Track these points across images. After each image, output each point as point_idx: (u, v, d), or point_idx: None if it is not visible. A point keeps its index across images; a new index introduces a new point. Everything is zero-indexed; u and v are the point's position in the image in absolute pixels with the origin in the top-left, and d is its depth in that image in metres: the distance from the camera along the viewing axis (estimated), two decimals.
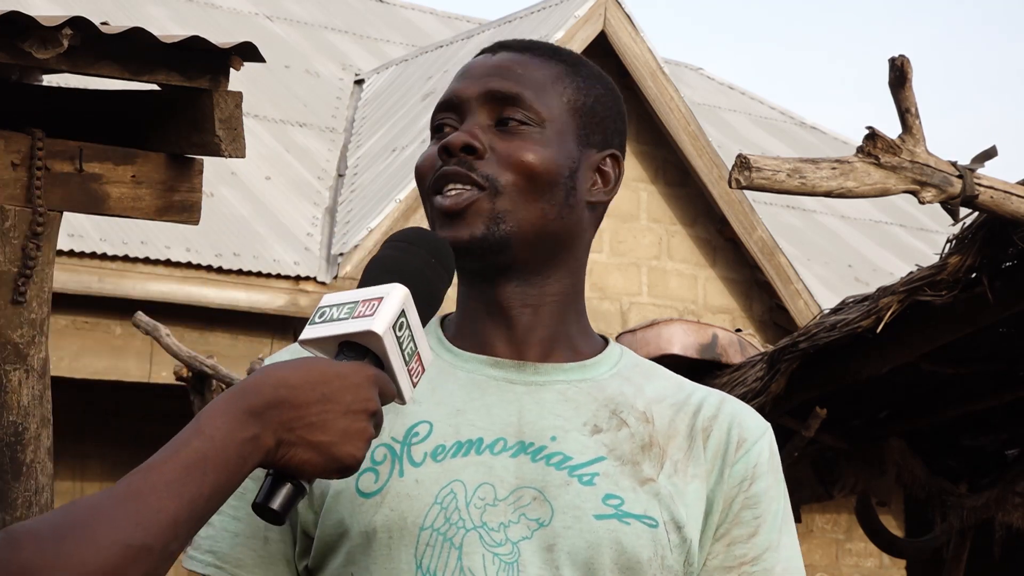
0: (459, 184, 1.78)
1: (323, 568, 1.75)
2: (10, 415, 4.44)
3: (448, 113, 1.83)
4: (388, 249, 1.66)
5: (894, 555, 8.50)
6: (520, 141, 1.80)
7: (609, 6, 11.41)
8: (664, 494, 1.75)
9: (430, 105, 11.92)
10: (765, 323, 11.88)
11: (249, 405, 1.48)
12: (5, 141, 4.49)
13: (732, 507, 1.79)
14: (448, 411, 1.76)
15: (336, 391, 1.51)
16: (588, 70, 1.88)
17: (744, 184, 4.09)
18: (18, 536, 1.38)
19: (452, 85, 1.85)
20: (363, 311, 1.56)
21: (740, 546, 1.79)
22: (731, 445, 1.81)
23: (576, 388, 1.80)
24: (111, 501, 1.40)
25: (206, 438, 1.45)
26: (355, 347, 1.56)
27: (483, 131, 1.80)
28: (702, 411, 1.82)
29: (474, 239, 1.77)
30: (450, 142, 1.79)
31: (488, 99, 1.81)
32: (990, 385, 6.32)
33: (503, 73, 1.83)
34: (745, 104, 15.80)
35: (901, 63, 4.19)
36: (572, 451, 1.75)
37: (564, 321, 1.83)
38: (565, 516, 1.72)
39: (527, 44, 1.88)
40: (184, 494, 1.42)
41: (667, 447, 1.79)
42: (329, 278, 10.33)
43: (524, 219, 1.78)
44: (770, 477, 1.82)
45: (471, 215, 1.77)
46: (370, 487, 1.73)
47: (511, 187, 1.78)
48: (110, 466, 10.71)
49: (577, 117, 1.84)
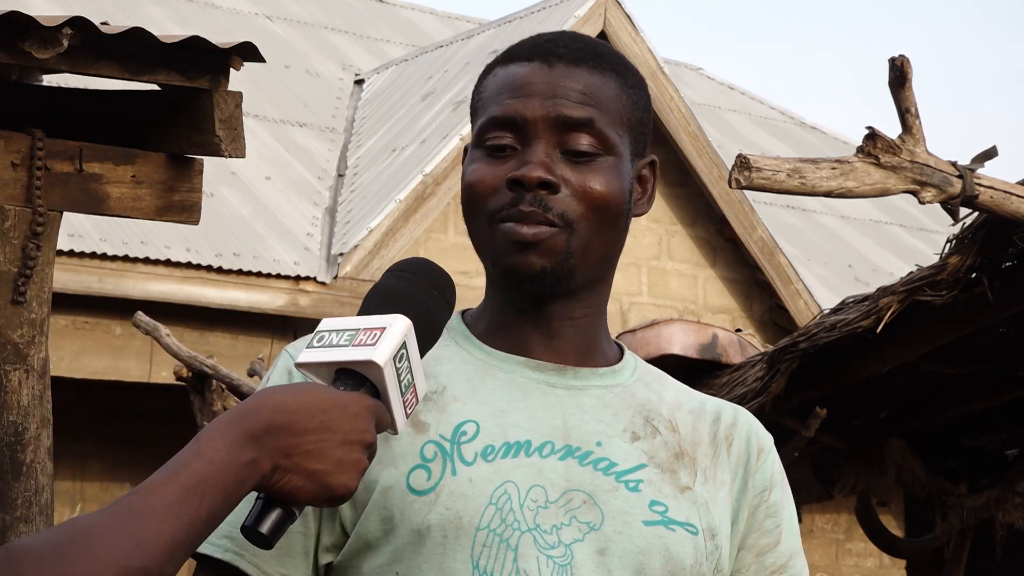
0: (536, 224, 1.76)
1: (356, 566, 1.73)
2: (10, 415, 4.44)
3: (506, 132, 1.79)
4: (391, 278, 1.66)
5: (894, 555, 8.49)
6: (593, 173, 1.78)
7: (609, 6, 11.41)
8: (700, 502, 1.78)
9: (430, 105, 11.92)
10: (765, 323, 11.88)
11: (249, 428, 1.48)
12: (5, 141, 4.49)
13: (756, 516, 1.83)
14: (492, 411, 1.76)
15: (334, 420, 1.51)
16: (633, 76, 1.85)
17: (744, 184, 4.09)
18: (18, 554, 1.38)
19: (509, 100, 1.79)
20: (364, 340, 1.56)
21: (769, 555, 1.83)
22: (752, 454, 1.84)
23: (612, 394, 1.82)
24: (110, 521, 1.41)
25: (206, 460, 1.46)
26: (352, 374, 1.57)
27: (553, 161, 1.77)
28: (721, 419, 1.85)
29: (545, 271, 1.77)
30: (525, 176, 1.75)
31: (557, 124, 1.78)
32: (990, 385, 6.32)
33: (570, 95, 1.78)
34: (745, 104, 15.80)
35: (901, 63, 4.19)
36: (617, 457, 1.77)
37: (597, 329, 1.85)
38: (615, 521, 1.74)
39: (579, 53, 1.82)
40: (183, 516, 1.43)
41: (696, 455, 1.82)
42: (329, 278, 10.33)
43: (591, 251, 1.79)
44: (783, 486, 1.87)
45: (544, 248, 1.76)
46: (423, 484, 1.72)
47: (585, 222, 1.77)
48: (110, 466, 10.72)
49: (632, 132, 1.83)
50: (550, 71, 1.79)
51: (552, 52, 1.81)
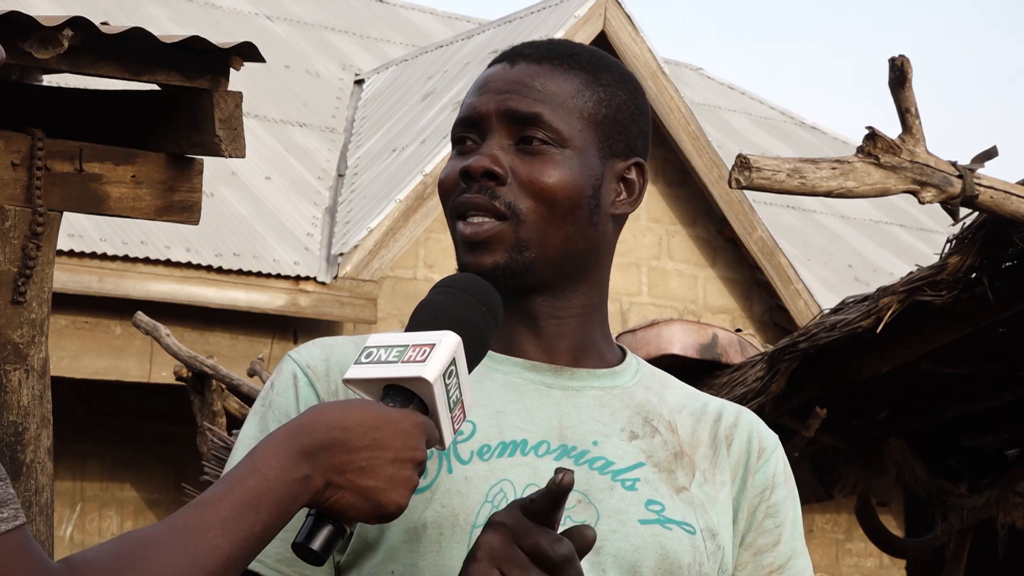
0: (481, 213, 1.78)
1: (357, 567, 1.74)
2: (10, 415, 4.44)
3: (468, 129, 1.82)
4: (438, 294, 1.66)
5: (894, 555, 8.49)
6: (541, 164, 1.79)
7: (609, 6, 11.41)
8: (697, 503, 1.78)
9: (430, 105, 11.92)
10: (765, 323, 11.88)
11: (303, 445, 1.49)
12: (5, 141, 4.49)
13: (755, 515, 1.84)
14: (489, 411, 1.77)
15: (387, 437, 1.52)
16: (609, 75, 1.85)
17: (744, 184, 4.09)
18: (79, 567, 1.40)
19: (471, 99, 1.83)
20: (414, 356, 1.56)
21: (767, 554, 1.84)
22: (752, 454, 1.85)
23: (610, 394, 1.82)
24: (168, 535, 1.42)
25: (261, 476, 1.47)
26: (401, 391, 1.56)
27: (504, 152, 1.79)
28: (722, 420, 1.86)
29: (497, 266, 1.77)
30: (471, 167, 1.78)
31: (507, 118, 1.80)
32: (990, 385, 6.32)
33: (521, 90, 1.81)
34: (745, 104, 15.80)
35: (901, 63, 4.19)
36: (613, 456, 1.77)
37: (589, 330, 1.85)
38: (610, 520, 1.74)
39: (545, 52, 1.84)
40: (238, 532, 1.44)
41: (694, 457, 1.82)
42: (329, 278, 10.33)
43: (548, 244, 1.79)
44: (787, 486, 1.87)
45: (494, 244, 1.77)
46: (419, 483, 1.73)
47: (533, 213, 1.78)
48: (110, 466, 10.72)
49: (599, 129, 1.82)
50: (511, 69, 1.83)
51: (519, 53, 1.85)
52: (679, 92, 11.56)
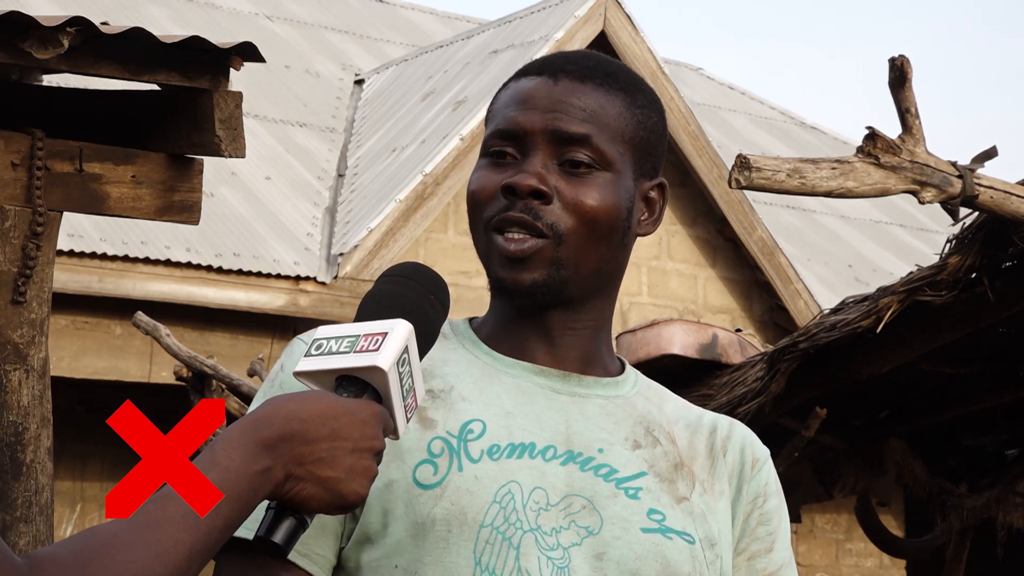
0: (523, 231, 1.79)
1: (355, 558, 1.75)
2: (10, 415, 4.44)
3: (508, 142, 1.82)
4: (385, 283, 1.66)
5: (894, 555, 8.50)
6: (586, 187, 1.80)
7: (609, 6, 11.41)
8: (697, 513, 1.81)
9: (430, 105, 11.92)
10: (765, 323, 11.88)
11: (262, 437, 1.50)
12: (5, 141, 4.49)
13: (749, 522, 1.87)
14: (498, 412, 1.79)
15: (345, 427, 1.52)
16: (643, 96, 1.88)
17: (744, 184, 4.09)
18: (41, 563, 1.40)
19: (513, 112, 1.83)
20: (367, 345, 1.56)
21: (760, 560, 1.87)
22: (746, 464, 1.88)
23: (614, 403, 1.85)
24: (130, 531, 1.43)
25: (221, 470, 1.47)
26: (355, 381, 1.56)
27: (548, 172, 1.80)
28: (717, 431, 1.89)
29: (536, 284, 1.80)
30: (517, 184, 1.79)
31: (554, 137, 1.81)
32: (990, 385, 6.32)
33: (568, 110, 1.82)
34: (745, 104, 15.80)
35: (901, 63, 4.19)
36: (618, 464, 1.80)
37: (597, 341, 1.88)
38: (614, 527, 1.76)
39: (586, 70, 1.85)
40: (200, 526, 1.44)
41: (693, 467, 1.85)
42: (329, 278, 10.33)
43: (583, 263, 1.81)
44: (778, 497, 1.91)
45: (534, 261, 1.79)
46: (429, 479, 1.74)
47: (574, 234, 1.80)
48: (110, 466, 10.71)
49: (636, 151, 1.85)
50: (555, 85, 1.83)
51: (560, 68, 1.85)
52: (679, 92, 11.56)
